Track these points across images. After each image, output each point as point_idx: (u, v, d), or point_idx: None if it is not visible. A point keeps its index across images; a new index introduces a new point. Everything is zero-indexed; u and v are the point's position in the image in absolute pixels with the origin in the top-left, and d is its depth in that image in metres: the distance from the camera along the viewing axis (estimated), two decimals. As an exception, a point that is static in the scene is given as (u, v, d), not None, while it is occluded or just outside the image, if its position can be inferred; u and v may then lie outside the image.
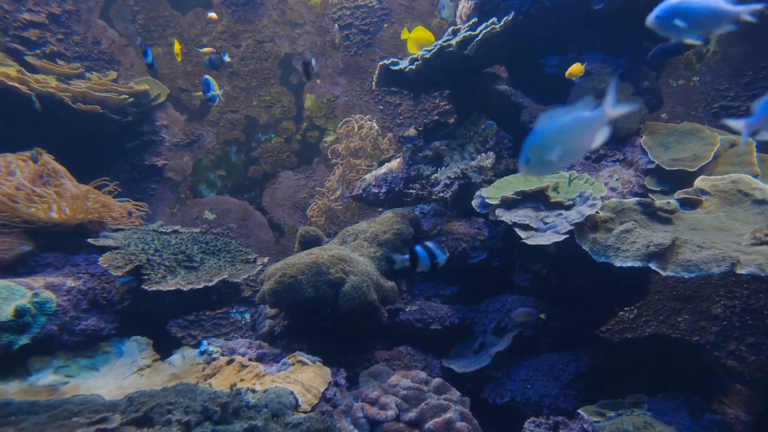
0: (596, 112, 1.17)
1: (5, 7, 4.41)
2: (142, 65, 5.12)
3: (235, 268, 3.20)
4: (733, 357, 3.32)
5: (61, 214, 2.98)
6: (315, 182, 5.20)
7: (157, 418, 1.74)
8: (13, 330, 2.42)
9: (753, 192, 2.54)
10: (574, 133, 1.17)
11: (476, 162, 3.25)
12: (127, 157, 4.87)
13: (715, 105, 4.19)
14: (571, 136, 1.17)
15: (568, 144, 1.17)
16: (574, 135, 1.17)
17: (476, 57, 3.27)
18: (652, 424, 2.15)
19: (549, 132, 1.17)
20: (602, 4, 3.16)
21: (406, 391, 2.26)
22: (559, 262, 2.79)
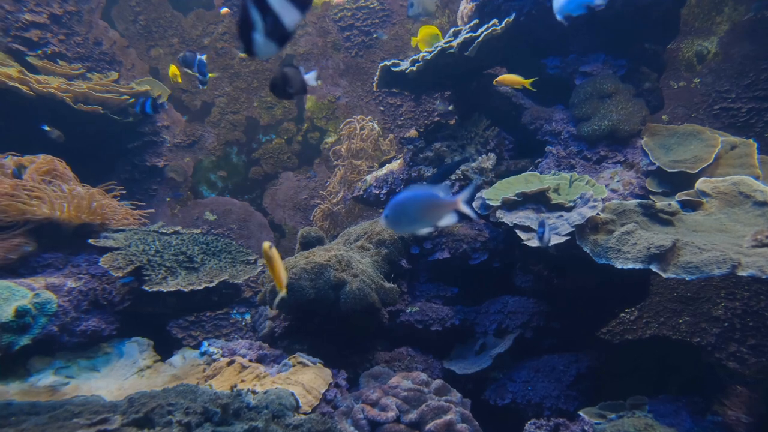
0: (448, 198, 1.39)
1: (7, 8, 4.42)
2: (143, 66, 5.13)
3: (235, 269, 3.20)
4: (734, 358, 3.32)
5: (64, 212, 2.98)
6: (316, 183, 5.20)
7: (158, 419, 1.73)
8: (14, 331, 2.43)
9: (754, 194, 2.54)
10: (425, 209, 1.39)
11: (477, 163, 3.25)
12: (128, 157, 4.87)
13: (716, 107, 4.19)
14: (422, 210, 1.39)
15: (418, 215, 1.40)
16: (424, 210, 1.39)
17: (477, 58, 3.27)
18: (653, 426, 2.15)
19: (407, 201, 1.39)
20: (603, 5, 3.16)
21: (406, 392, 2.25)
22: (560, 263, 2.79)
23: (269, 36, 1.23)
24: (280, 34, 1.24)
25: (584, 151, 3.24)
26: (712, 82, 4.22)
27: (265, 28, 1.22)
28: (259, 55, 1.27)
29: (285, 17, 1.23)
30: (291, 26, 1.24)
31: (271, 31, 1.23)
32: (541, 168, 3.29)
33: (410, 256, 3.22)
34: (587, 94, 3.27)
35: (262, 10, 1.22)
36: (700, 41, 4.29)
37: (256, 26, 1.22)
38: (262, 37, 1.23)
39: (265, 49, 1.25)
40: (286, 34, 1.25)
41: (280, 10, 1.22)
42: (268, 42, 1.24)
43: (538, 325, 2.92)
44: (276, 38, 1.24)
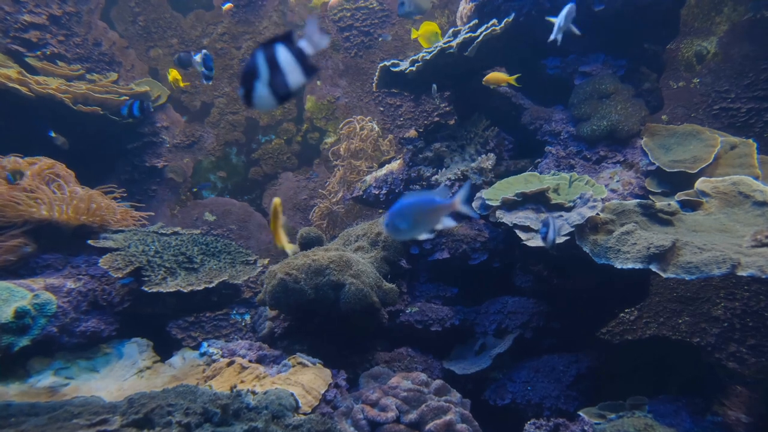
0: (446, 201, 1.45)
1: (6, 9, 4.42)
2: (143, 67, 5.12)
3: (235, 270, 3.20)
4: (733, 359, 3.32)
5: (63, 213, 2.98)
6: (315, 183, 5.20)
7: (158, 420, 1.73)
8: (14, 332, 2.42)
9: (753, 194, 2.54)
10: (424, 214, 1.45)
11: (477, 163, 3.25)
12: (127, 158, 4.87)
13: (715, 107, 4.19)
14: (421, 216, 1.45)
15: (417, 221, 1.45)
16: (423, 215, 1.45)
17: (477, 58, 3.27)
18: (652, 426, 2.15)
19: (406, 208, 1.44)
20: (603, 6, 3.16)
21: (406, 392, 2.25)
22: (559, 263, 2.79)
23: (271, 89, 1.25)
24: (282, 91, 1.26)
25: (584, 151, 3.24)
26: (712, 82, 4.22)
27: (269, 81, 1.24)
28: (257, 106, 1.28)
29: (290, 76, 1.24)
30: (293, 87, 1.26)
31: (275, 86, 1.25)
32: (541, 168, 3.29)
33: (410, 257, 3.21)
34: (587, 94, 3.27)
35: (271, 64, 1.24)
36: (699, 41, 4.29)
37: (261, 77, 1.24)
38: (265, 88, 1.24)
39: (264, 101, 1.26)
40: (287, 93, 1.27)
41: (287, 68, 1.24)
42: (269, 95, 1.25)
43: (537, 325, 2.92)
44: (277, 94, 1.26)
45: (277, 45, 1.24)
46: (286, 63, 1.25)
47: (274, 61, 1.24)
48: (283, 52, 1.24)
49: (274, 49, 1.24)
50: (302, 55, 1.25)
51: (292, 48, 1.25)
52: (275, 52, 1.24)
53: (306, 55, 1.25)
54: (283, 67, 1.24)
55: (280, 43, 1.24)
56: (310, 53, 1.25)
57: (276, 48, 1.24)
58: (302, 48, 1.24)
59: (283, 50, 1.24)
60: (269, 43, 1.24)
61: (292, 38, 1.25)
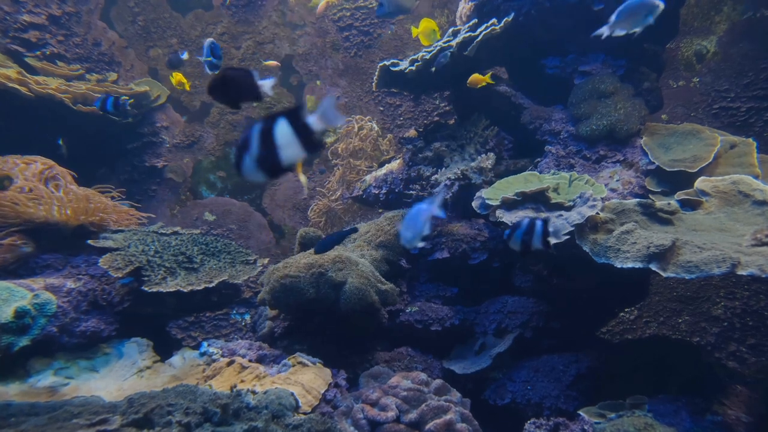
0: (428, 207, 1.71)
1: (5, 9, 4.41)
2: (142, 66, 5.12)
3: (235, 270, 3.20)
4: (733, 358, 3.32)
5: (62, 214, 2.98)
6: (315, 183, 5.20)
7: (158, 420, 1.73)
8: (14, 331, 2.42)
9: (753, 193, 2.54)
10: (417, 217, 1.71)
11: (476, 163, 3.25)
12: (127, 158, 4.87)
13: (715, 106, 4.19)
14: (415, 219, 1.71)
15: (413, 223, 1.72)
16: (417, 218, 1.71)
17: (476, 58, 3.27)
18: (652, 426, 2.15)
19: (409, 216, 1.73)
20: (602, 5, 3.16)
21: (406, 392, 2.25)
22: (559, 263, 2.79)
23: (260, 164, 1.22)
24: (271, 167, 1.22)
25: (583, 151, 3.24)
26: (712, 82, 4.22)
27: (258, 156, 1.21)
28: (246, 177, 1.25)
29: (285, 152, 1.21)
30: (288, 162, 1.22)
31: (263, 161, 1.21)
32: (541, 167, 3.28)
33: (410, 256, 3.21)
34: (586, 94, 3.27)
35: (264, 139, 1.21)
36: (699, 41, 4.29)
37: (251, 150, 1.21)
38: (253, 163, 1.21)
39: (252, 175, 1.23)
40: (278, 169, 1.23)
41: (282, 142, 1.21)
42: (256, 170, 1.22)
43: (537, 324, 2.92)
44: (266, 169, 1.23)
45: (279, 119, 1.21)
46: (283, 138, 1.21)
47: (269, 135, 1.21)
48: (283, 128, 1.21)
49: (274, 123, 1.21)
50: (306, 131, 1.21)
51: (297, 123, 1.21)
52: (273, 126, 1.21)
53: (311, 131, 1.20)
54: (278, 142, 1.21)
55: (283, 117, 1.21)
56: (318, 129, 1.21)
57: (276, 122, 1.21)
58: (309, 123, 1.20)
59: (283, 125, 1.21)
60: (273, 116, 1.21)
61: (300, 113, 1.21)
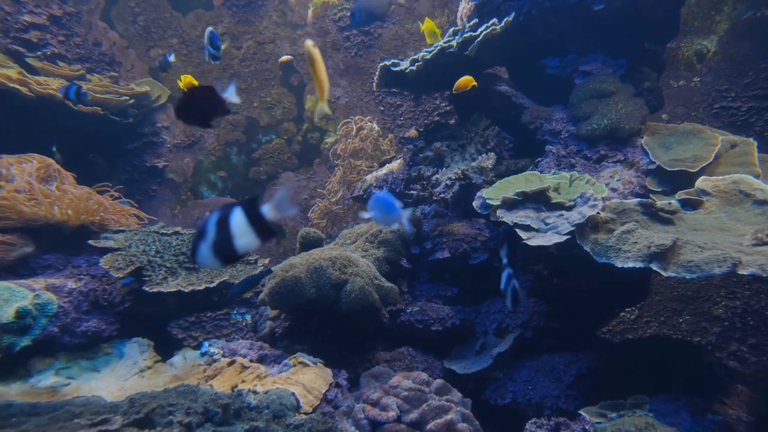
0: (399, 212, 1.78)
1: (6, 9, 4.42)
2: (143, 67, 5.13)
3: (236, 269, 3.20)
4: (734, 358, 3.32)
5: (63, 213, 2.98)
6: (316, 183, 5.20)
7: (159, 420, 1.73)
8: (15, 332, 2.42)
9: (754, 192, 2.54)
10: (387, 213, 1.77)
11: (477, 163, 3.25)
12: (128, 158, 4.87)
13: (715, 106, 4.19)
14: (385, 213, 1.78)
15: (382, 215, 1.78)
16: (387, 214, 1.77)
17: (477, 58, 3.27)
18: (653, 425, 2.15)
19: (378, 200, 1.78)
20: (603, 5, 3.16)
21: (407, 392, 2.25)
22: (560, 262, 2.78)
23: (215, 252, 1.26)
24: (227, 255, 1.27)
25: (584, 150, 3.24)
26: (712, 81, 4.22)
27: (214, 244, 1.25)
28: (200, 265, 1.30)
29: (240, 240, 1.26)
30: (242, 250, 1.27)
31: (218, 249, 1.26)
32: (541, 167, 3.28)
33: (411, 256, 3.21)
34: (587, 94, 3.27)
35: (221, 226, 1.25)
36: (699, 40, 4.29)
37: (207, 238, 1.25)
38: (208, 251, 1.26)
39: (207, 262, 1.27)
40: (233, 256, 1.28)
41: (237, 232, 1.26)
42: (212, 257, 1.27)
43: (538, 324, 2.92)
44: (221, 257, 1.27)
45: (234, 209, 1.26)
46: (238, 228, 1.26)
47: (225, 225, 1.25)
48: (238, 218, 1.26)
49: (230, 212, 1.26)
50: (261, 220, 1.26)
51: (252, 213, 1.26)
52: (229, 216, 1.26)
53: (265, 220, 1.26)
54: (233, 231, 1.25)
55: (239, 207, 1.26)
56: (271, 218, 1.26)
57: (232, 212, 1.26)
58: (263, 213, 1.26)
59: (238, 215, 1.26)
60: (229, 206, 1.26)
61: (255, 204, 1.26)
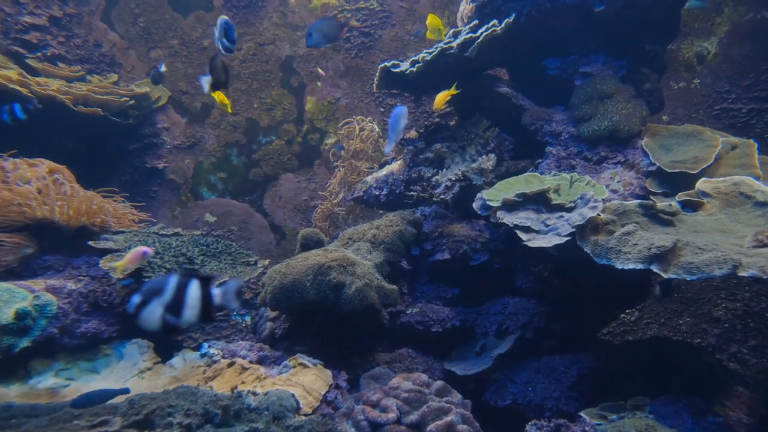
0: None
1: (6, 10, 4.42)
2: (144, 68, 5.13)
3: (236, 271, 3.20)
4: (734, 359, 3.32)
5: (64, 214, 2.98)
6: (316, 184, 5.20)
7: (158, 421, 1.73)
8: (14, 333, 2.42)
9: (755, 194, 2.54)
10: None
11: (477, 164, 3.24)
12: (128, 159, 4.87)
13: (716, 107, 4.19)
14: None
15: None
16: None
17: (477, 59, 3.27)
18: (654, 427, 2.14)
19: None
20: (603, 6, 3.16)
21: (407, 393, 2.25)
22: (560, 264, 2.78)
23: (164, 313, 1.28)
24: (172, 321, 1.29)
25: (584, 152, 3.24)
26: (712, 83, 4.22)
27: (167, 306, 1.27)
28: (140, 323, 1.29)
29: (188, 311, 1.28)
30: (185, 321, 1.30)
31: (170, 311, 1.28)
32: (542, 169, 3.28)
33: (411, 257, 3.21)
34: (587, 95, 3.27)
35: (179, 292, 1.27)
36: (700, 42, 4.29)
37: (162, 298, 1.27)
38: (158, 309, 1.27)
39: (150, 321, 1.28)
40: (175, 326, 1.30)
41: (190, 303, 1.28)
42: (156, 318, 1.29)
43: (538, 326, 2.92)
44: (165, 321, 1.29)
45: (192, 281, 1.28)
46: (192, 300, 1.28)
47: (182, 292, 1.27)
48: (194, 291, 1.28)
49: (188, 283, 1.28)
50: (209, 302, 1.29)
51: (204, 291, 1.28)
52: (187, 286, 1.27)
53: (212, 303, 1.29)
54: (187, 301, 1.27)
55: (195, 281, 1.28)
56: (216, 303, 1.30)
57: (190, 283, 1.28)
58: (212, 296, 1.29)
59: (194, 289, 1.28)
60: (187, 277, 1.29)
61: (210, 284, 1.30)
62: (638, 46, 3.46)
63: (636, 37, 3.42)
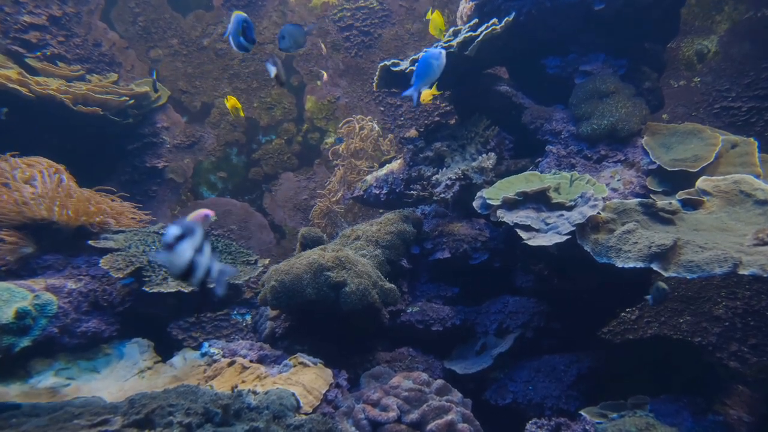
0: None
1: (6, 10, 4.41)
2: (143, 67, 5.13)
3: (236, 270, 3.20)
4: (735, 358, 3.32)
5: (63, 214, 2.98)
6: (316, 184, 5.19)
7: (159, 420, 1.73)
8: (14, 332, 2.42)
9: (755, 192, 2.53)
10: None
11: (477, 163, 3.24)
12: (127, 159, 4.87)
13: (716, 106, 4.18)
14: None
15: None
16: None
17: (477, 58, 3.26)
18: (654, 426, 2.14)
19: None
20: (603, 5, 3.16)
21: (407, 392, 2.25)
22: (560, 263, 2.78)
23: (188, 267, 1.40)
24: (192, 270, 1.42)
25: (584, 151, 3.24)
26: (713, 81, 4.22)
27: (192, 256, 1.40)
28: (169, 261, 1.40)
29: (204, 268, 1.43)
30: (200, 274, 1.43)
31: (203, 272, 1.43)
32: (542, 167, 3.28)
33: (411, 256, 3.21)
34: (587, 94, 3.27)
35: (200, 247, 1.41)
36: (700, 40, 4.28)
37: (189, 243, 1.38)
38: (187, 255, 1.38)
39: (176, 260, 1.39)
40: (194, 274, 1.43)
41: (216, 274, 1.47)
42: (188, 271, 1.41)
43: (538, 325, 2.91)
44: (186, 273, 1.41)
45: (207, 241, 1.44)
46: (207, 254, 1.44)
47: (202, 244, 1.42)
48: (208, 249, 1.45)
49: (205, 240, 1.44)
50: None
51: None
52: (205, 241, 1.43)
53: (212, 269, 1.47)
54: (204, 253, 1.43)
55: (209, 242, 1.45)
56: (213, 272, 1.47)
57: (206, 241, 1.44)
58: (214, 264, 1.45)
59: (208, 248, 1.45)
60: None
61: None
62: (638, 44, 3.46)
63: (636, 36, 3.42)
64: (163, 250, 1.39)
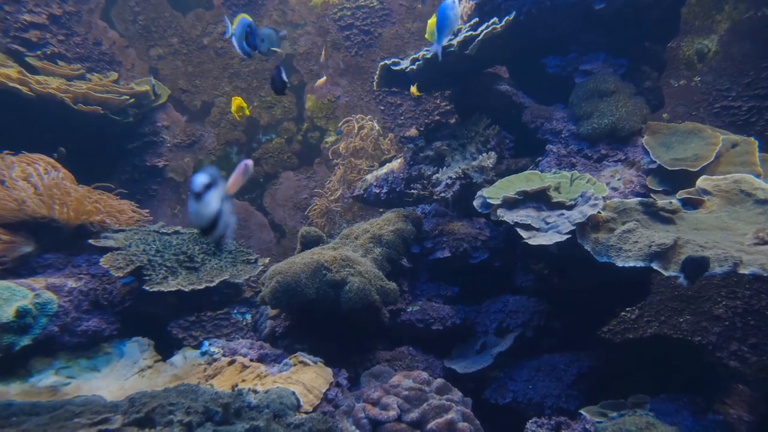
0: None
1: (6, 9, 4.41)
2: (143, 66, 5.13)
3: (236, 269, 3.20)
4: (735, 357, 3.32)
5: (64, 213, 2.98)
6: (316, 183, 5.19)
7: (159, 419, 1.73)
8: (15, 331, 2.42)
9: (755, 192, 2.53)
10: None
11: (478, 162, 3.24)
12: (128, 158, 4.87)
13: (716, 105, 4.18)
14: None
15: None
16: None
17: (477, 57, 3.26)
18: (654, 425, 2.15)
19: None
20: (603, 4, 3.16)
21: (407, 391, 2.25)
22: (560, 262, 2.78)
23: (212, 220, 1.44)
24: (215, 224, 1.46)
25: (585, 150, 3.24)
26: (713, 81, 4.21)
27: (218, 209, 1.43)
28: (198, 210, 1.43)
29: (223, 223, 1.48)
30: (221, 230, 1.49)
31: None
32: (542, 166, 3.28)
33: (411, 255, 3.21)
34: (588, 93, 3.26)
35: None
36: (700, 40, 4.28)
37: (215, 193, 1.42)
38: (215, 204, 1.42)
39: (204, 209, 1.42)
40: (215, 229, 1.48)
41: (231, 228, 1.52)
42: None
43: (538, 324, 2.91)
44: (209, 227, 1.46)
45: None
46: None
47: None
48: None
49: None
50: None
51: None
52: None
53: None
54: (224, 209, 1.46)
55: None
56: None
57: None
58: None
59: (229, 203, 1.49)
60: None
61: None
62: (638, 44, 3.46)
63: (636, 35, 3.42)
64: (191, 199, 1.39)
